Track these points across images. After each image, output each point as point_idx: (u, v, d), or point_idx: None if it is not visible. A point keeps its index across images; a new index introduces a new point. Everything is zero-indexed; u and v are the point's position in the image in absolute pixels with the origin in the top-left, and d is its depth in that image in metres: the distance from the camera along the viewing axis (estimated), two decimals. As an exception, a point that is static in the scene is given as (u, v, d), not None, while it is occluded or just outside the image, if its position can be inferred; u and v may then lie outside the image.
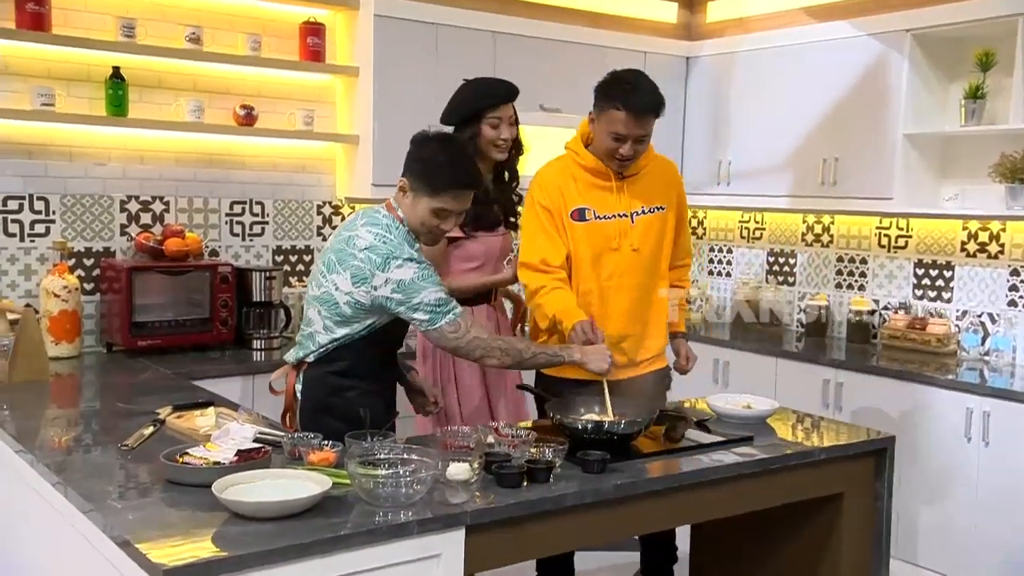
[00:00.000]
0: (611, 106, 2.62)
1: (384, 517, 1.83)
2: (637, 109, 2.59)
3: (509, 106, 2.94)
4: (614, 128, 2.62)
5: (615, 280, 2.75)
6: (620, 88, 2.62)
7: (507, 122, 2.92)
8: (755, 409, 2.68)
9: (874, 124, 4.02)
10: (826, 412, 3.83)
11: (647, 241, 2.78)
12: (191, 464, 1.97)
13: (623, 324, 2.76)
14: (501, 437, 2.27)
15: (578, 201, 2.72)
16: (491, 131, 2.90)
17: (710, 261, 5.18)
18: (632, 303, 2.77)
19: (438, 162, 2.37)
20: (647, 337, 2.83)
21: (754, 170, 4.54)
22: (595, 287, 2.74)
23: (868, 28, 4.03)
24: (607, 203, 2.73)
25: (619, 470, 2.16)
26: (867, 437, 2.59)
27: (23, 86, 3.37)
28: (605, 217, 2.73)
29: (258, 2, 3.82)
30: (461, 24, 4.05)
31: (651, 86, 2.65)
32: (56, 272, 3.37)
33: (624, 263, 2.74)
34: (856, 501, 2.54)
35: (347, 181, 4.08)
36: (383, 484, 1.87)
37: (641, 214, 2.77)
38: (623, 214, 2.74)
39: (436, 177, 2.36)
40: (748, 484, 2.30)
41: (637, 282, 2.77)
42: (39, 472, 2.13)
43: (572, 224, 2.72)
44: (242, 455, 2.00)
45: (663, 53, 4.72)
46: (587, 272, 2.73)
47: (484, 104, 2.89)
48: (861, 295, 4.45)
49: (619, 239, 2.73)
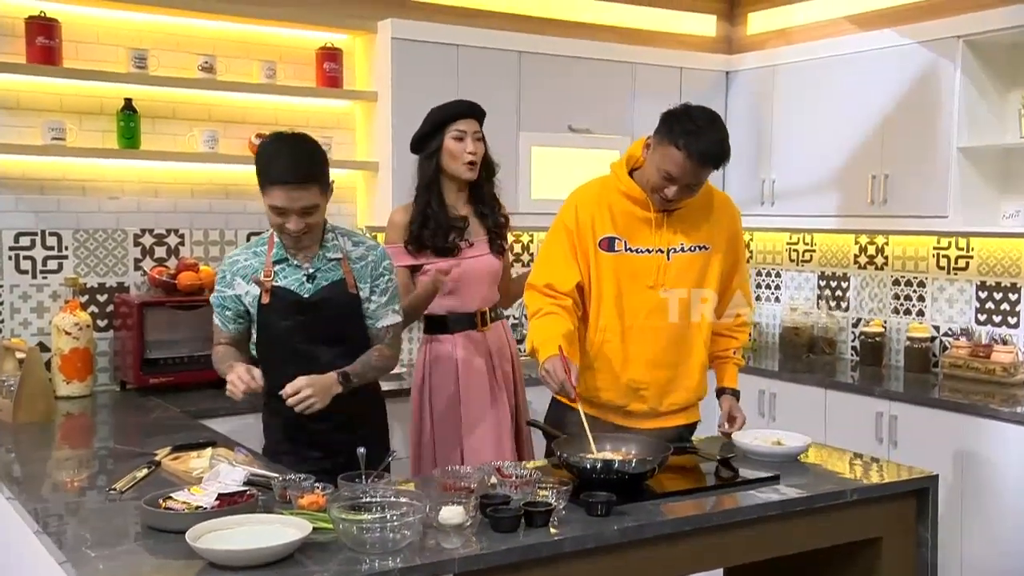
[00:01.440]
0: (671, 142, 2.45)
1: (369, 564, 1.79)
2: (698, 156, 2.43)
3: (473, 121, 2.98)
4: (667, 167, 2.47)
5: (640, 321, 2.60)
6: (686, 126, 2.44)
7: (472, 137, 2.95)
8: (785, 446, 2.58)
9: (926, 138, 3.90)
10: (879, 448, 3.70)
11: (683, 282, 2.60)
12: (173, 509, 1.97)
13: (644, 370, 2.62)
14: (504, 477, 2.23)
15: (609, 229, 2.59)
16: (455, 143, 2.95)
17: (757, 286, 5.07)
18: (658, 348, 2.62)
19: (267, 155, 2.44)
20: (676, 388, 2.66)
21: (799, 189, 4.44)
22: (616, 326, 2.60)
23: (917, 36, 3.93)
24: (642, 236, 2.59)
25: (626, 513, 2.09)
26: (907, 476, 2.48)
27: (35, 120, 3.47)
28: (637, 251, 2.59)
29: (273, 29, 3.89)
30: (483, 44, 4.06)
31: (721, 134, 2.47)
32: (68, 309, 3.44)
33: (652, 304, 2.59)
34: (896, 547, 2.42)
35: (368, 209, 4.10)
36: (367, 530, 1.84)
37: (679, 252, 2.60)
38: (659, 250, 2.60)
39: (262, 172, 2.43)
40: (769, 528, 2.21)
41: (666, 326, 2.61)
42: (23, 518, 2.15)
43: (599, 253, 2.59)
44: (224, 499, 1.99)
45: (701, 68, 4.66)
46: (608, 309, 2.60)
47: (446, 116, 2.96)
48: (920, 321, 4.30)
49: (652, 277, 2.59)
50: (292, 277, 2.55)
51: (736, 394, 2.77)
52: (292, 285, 2.55)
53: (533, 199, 4.14)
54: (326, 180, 2.49)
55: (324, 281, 2.55)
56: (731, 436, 2.66)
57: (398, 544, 1.85)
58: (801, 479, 2.41)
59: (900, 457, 3.55)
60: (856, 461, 2.68)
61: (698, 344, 2.68)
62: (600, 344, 2.62)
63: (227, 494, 2.01)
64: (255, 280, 2.55)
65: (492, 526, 1.98)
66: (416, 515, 1.89)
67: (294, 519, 1.91)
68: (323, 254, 2.56)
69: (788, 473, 2.44)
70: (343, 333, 2.58)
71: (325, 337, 2.55)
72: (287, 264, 2.55)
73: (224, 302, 2.60)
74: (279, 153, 2.43)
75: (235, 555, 1.72)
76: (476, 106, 3.04)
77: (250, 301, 2.57)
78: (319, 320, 2.54)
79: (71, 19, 3.50)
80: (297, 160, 2.42)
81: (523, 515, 2.00)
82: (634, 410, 2.64)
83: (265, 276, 2.54)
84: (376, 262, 2.61)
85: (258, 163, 2.46)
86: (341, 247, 2.58)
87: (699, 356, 2.69)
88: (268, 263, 2.56)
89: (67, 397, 3.42)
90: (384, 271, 2.62)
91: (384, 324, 2.62)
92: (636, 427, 2.56)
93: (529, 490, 2.14)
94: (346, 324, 2.58)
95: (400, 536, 1.85)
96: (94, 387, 3.55)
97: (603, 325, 2.62)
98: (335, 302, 2.55)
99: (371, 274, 2.59)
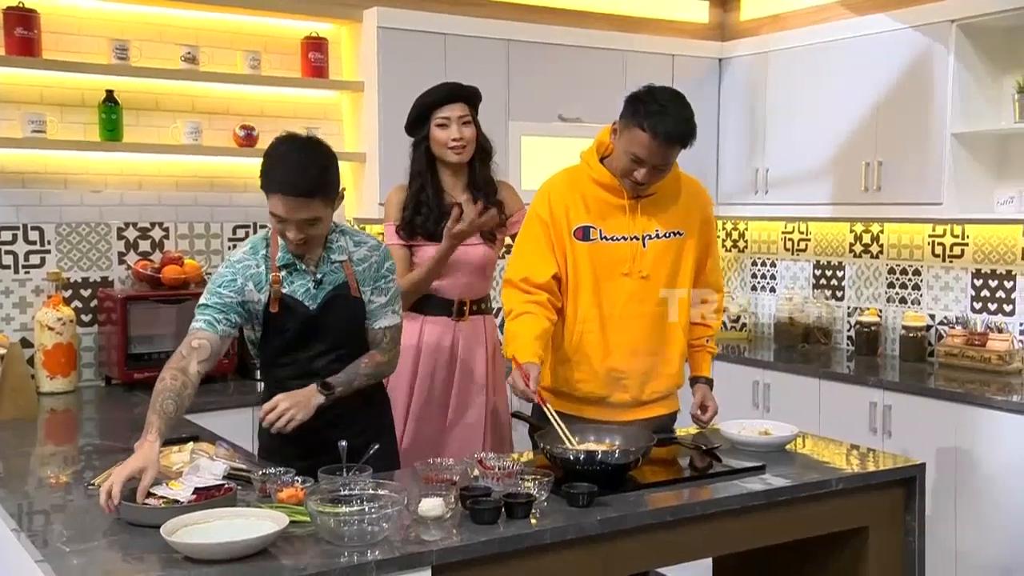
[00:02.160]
0: (636, 124, 2.47)
1: (347, 558, 1.81)
2: (663, 136, 2.45)
3: (459, 106, 2.96)
4: (634, 149, 2.50)
5: (619, 309, 2.62)
6: (649, 107, 2.46)
7: (457, 122, 2.94)
8: (772, 435, 2.60)
9: (919, 124, 3.90)
10: (873, 439, 3.71)
11: (660, 268, 2.63)
12: (149, 504, 1.98)
13: (626, 358, 2.64)
14: (486, 470, 2.24)
15: (584, 218, 2.62)
16: (440, 132, 2.95)
17: (753, 276, 5.08)
18: (638, 335, 2.64)
19: (273, 158, 2.35)
20: (656, 375, 2.68)
21: (793, 177, 4.45)
22: (595, 315, 2.62)
23: (910, 20, 3.93)
24: (616, 223, 2.62)
25: (608, 503, 2.11)
26: (893, 465, 2.49)
27: (15, 113, 3.48)
28: (612, 239, 2.61)
29: (257, 19, 3.89)
30: (471, 33, 4.06)
31: (685, 113, 2.49)
32: (50, 304, 3.46)
33: (631, 291, 2.62)
34: (883, 537, 2.44)
35: (355, 201, 4.11)
36: (345, 522, 1.86)
37: (654, 238, 2.63)
38: (634, 236, 2.62)
39: (265, 174, 2.35)
40: (753, 518, 2.23)
41: (645, 312, 2.63)
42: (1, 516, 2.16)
43: (574, 243, 2.61)
44: (201, 493, 2.00)
45: (693, 55, 4.66)
46: (587, 298, 2.62)
47: (427, 103, 2.96)
48: (915, 310, 4.31)
49: (627, 264, 2.61)
50: (299, 283, 2.47)
51: (710, 383, 2.79)
52: (299, 292, 2.47)
53: (523, 189, 4.12)
54: (333, 190, 2.38)
55: (329, 286, 2.49)
56: (705, 425, 2.70)
57: (376, 537, 1.87)
58: (787, 469, 2.43)
59: (893, 447, 3.56)
60: (844, 451, 2.69)
61: (677, 330, 2.70)
62: (580, 335, 2.63)
63: (203, 488, 2.02)
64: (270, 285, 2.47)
65: (472, 518, 2.00)
66: (395, 507, 1.91)
67: (274, 512, 1.92)
68: (328, 256, 2.49)
69: (775, 463, 2.45)
70: (345, 338, 2.55)
71: (327, 345, 2.52)
72: (294, 269, 2.47)
73: (227, 307, 2.42)
74: (285, 160, 2.33)
75: (209, 549, 1.73)
76: (461, 89, 3.00)
77: (258, 309, 2.47)
78: (323, 330, 2.50)
79: (51, 10, 3.50)
80: (301, 171, 2.30)
81: (503, 506, 2.02)
82: (616, 401, 2.65)
83: (274, 283, 2.44)
84: (379, 263, 2.55)
85: (263, 163, 2.36)
86: (345, 248, 2.51)
87: (679, 343, 2.72)
88: (274, 268, 2.46)
89: (51, 393, 3.43)
90: (387, 272, 2.57)
91: (381, 325, 2.56)
92: (617, 420, 2.57)
93: (511, 482, 2.16)
94: (348, 330, 2.55)
95: (378, 529, 1.87)
96: (78, 383, 3.57)
97: (582, 316, 2.63)
98: (339, 310, 2.49)
99: (373, 276, 2.54)
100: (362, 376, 2.54)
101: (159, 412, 2.19)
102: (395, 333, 2.61)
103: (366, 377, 2.56)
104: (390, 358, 2.61)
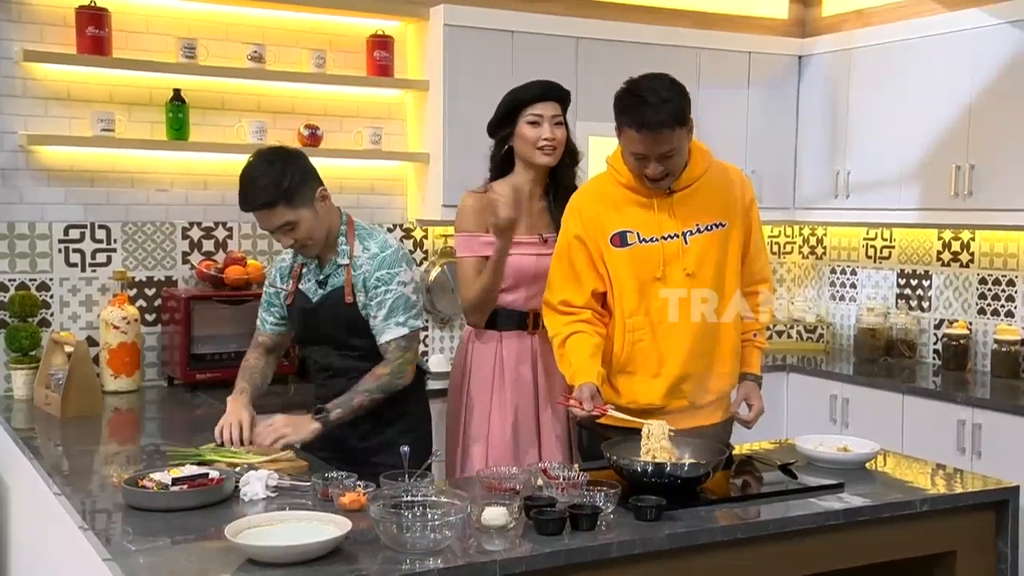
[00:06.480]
0: (623, 124, 2.48)
1: (409, 565, 1.84)
2: (648, 126, 2.42)
3: (552, 105, 2.86)
4: (631, 148, 2.49)
5: (668, 313, 2.59)
6: (627, 103, 2.46)
7: (550, 122, 2.84)
8: (852, 452, 2.57)
9: (1016, 125, 3.82)
10: (961, 459, 3.64)
11: (706, 264, 2.59)
12: (147, 488, 2.16)
13: (682, 363, 2.61)
14: (550, 479, 2.26)
15: (618, 224, 2.59)
16: (530, 129, 2.84)
17: (831, 284, 5.02)
18: (691, 337, 2.61)
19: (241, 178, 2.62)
20: (712, 376, 2.66)
21: (876, 181, 4.38)
22: (645, 323, 2.60)
23: (1006, 15, 3.85)
24: (653, 224, 2.58)
25: (677, 518, 2.11)
26: (984, 487, 2.44)
27: (85, 112, 3.61)
28: (651, 240, 2.59)
29: (323, 16, 3.98)
30: (539, 31, 4.09)
31: (663, 95, 2.44)
32: (116, 303, 3.57)
33: (678, 292, 2.59)
34: (971, 563, 2.38)
35: (419, 202, 4.16)
36: (408, 529, 1.89)
37: (696, 233, 2.59)
38: (674, 235, 2.58)
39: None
40: (831, 538, 2.20)
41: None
42: (68, 514, 2.25)
43: (612, 251, 2.59)
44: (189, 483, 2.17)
45: (771, 53, 4.63)
46: (633, 305, 2.60)
47: (519, 99, 2.85)
48: (1008, 322, 4.21)
49: (671, 264, 2.58)
50: (312, 281, 2.74)
51: (758, 380, 2.75)
52: (307, 286, 2.75)
53: (591, 191, 4.15)
54: (302, 195, 2.57)
55: (329, 287, 2.71)
56: (748, 425, 2.69)
57: (439, 544, 1.90)
58: (868, 487, 2.40)
59: (984, 468, 3.48)
60: (929, 470, 2.65)
61: (728, 327, 2.67)
62: (632, 345, 2.61)
63: (191, 476, 2.19)
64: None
65: (536, 528, 2.02)
66: (457, 515, 1.94)
67: (337, 517, 1.96)
68: (334, 259, 2.70)
69: (854, 481, 2.42)
70: (346, 340, 2.70)
71: (328, 343, 2.74)
72: (311, 266, 2.75)
73: (270, 302, 2.83)
74: (242, 179, 2.61)
75: (275, 551, 1.78)
76: (556, 88, 2.92)
77: (283, 300, 2.79)
78: (319, 326, 2.73)
79: (121, 8, 3.63)
80: (252, 186, 2.58)
81: (568, 517, 2.03)
82: (673, 408, 2.62)
83: (293, 276, 2.76)
84: (368, 272, 2.65)
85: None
86: (350, 252, 2.68)
87: (731, 339, 2.69)
88: (298, 263, 2.76)
89: (115, 392, 3.55)
90: (377, 283, 2.64)
91: (385, 339, 2.65)
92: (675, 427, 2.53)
93: (576, 493, 2.17)
94: (346, 332, 2.69)
95: (441, 536, 1.90)
96: (142, 382, 3.68)
97: (632, 325, 2.61)
98: (331, 309, 2.69)
99: (364, 285, 2.66)
100: (362, 393, 2.62)
101: (248, 379, 2.74)
102: (401, 343, 2.66)
103: (368, 393, 2.63)
104: (393, 368, 2.65)
